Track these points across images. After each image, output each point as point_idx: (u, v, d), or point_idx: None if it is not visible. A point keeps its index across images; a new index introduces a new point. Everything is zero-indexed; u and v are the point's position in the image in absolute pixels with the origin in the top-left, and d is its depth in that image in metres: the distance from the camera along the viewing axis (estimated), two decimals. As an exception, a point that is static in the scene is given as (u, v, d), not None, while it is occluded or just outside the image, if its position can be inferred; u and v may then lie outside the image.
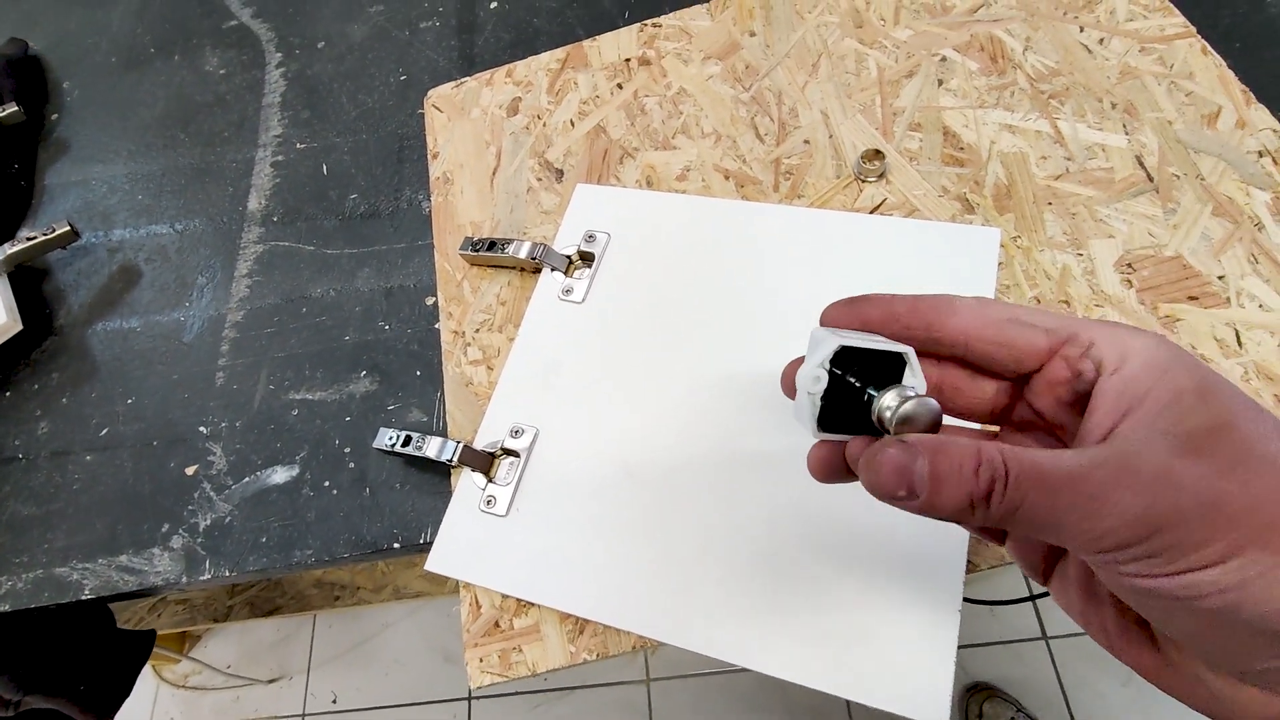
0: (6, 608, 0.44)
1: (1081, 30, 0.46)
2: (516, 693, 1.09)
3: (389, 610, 1.17)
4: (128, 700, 0.59)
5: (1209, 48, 0.44)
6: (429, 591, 0.95)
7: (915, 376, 0.22)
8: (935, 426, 0.21)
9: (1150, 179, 0.41)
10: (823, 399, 0.22)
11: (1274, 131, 0.40)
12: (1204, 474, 0.18)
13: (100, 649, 0.54)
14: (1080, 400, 0.22)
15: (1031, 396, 0.24)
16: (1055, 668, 1.01)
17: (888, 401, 0.21)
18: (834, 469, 0.24)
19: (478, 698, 1.10)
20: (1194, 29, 0.44)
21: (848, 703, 0.99)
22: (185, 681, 1.18)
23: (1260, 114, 0.41)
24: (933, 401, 0.21)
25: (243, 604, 0.97)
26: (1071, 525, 0.19)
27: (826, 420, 0.22)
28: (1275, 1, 0.46)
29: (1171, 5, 0.45)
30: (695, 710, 1.04)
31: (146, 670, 0.98)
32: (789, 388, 0.25)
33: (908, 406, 0.21)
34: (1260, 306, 0.36)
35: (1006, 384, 0.24)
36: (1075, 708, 0.98)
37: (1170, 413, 0.19)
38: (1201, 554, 0.17)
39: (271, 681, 1.17)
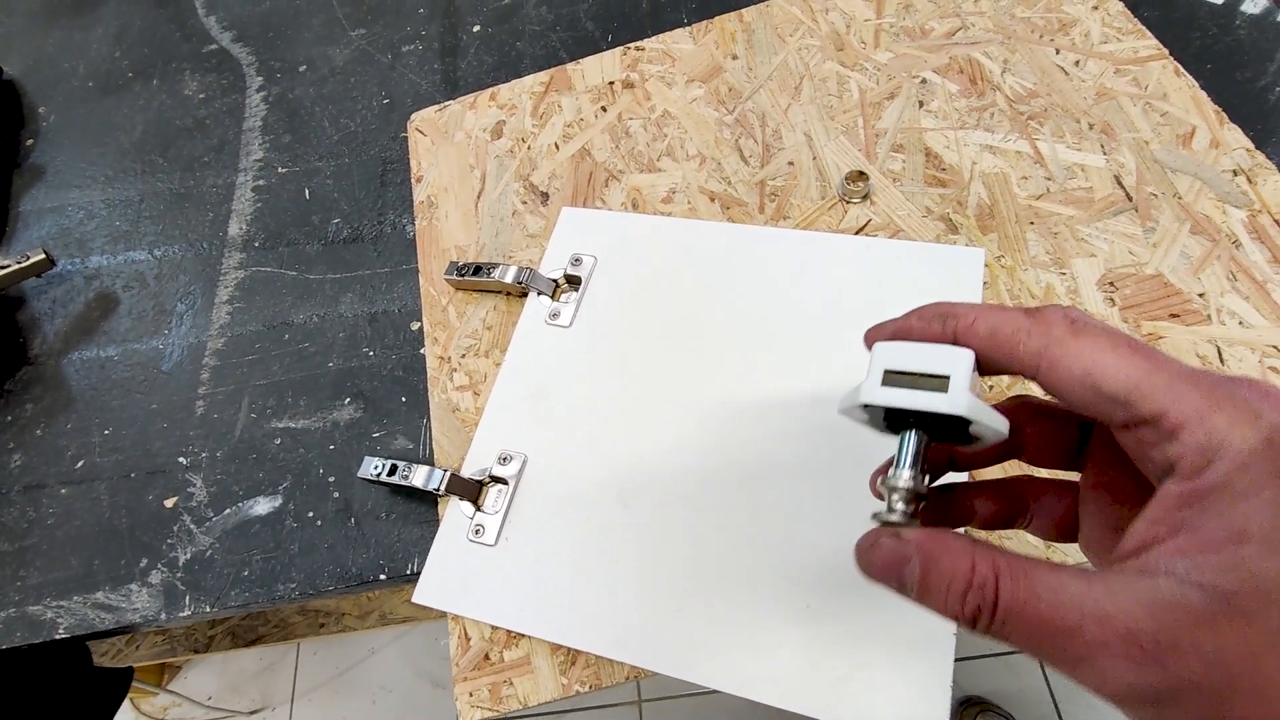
0: (-23, 649, 0.43)
1: (1057, 53, 0.47)
2: (507, 716, 1.07)
3: (375, 636, 1.15)
4: (104, 738, 0.57)
5: (1181, 69, 0.45)
6: (416, 616, 0.94)
7: (985, 429, 0.20)
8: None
9: (1129, 198, 0.41)
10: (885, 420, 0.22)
11: (1247, 151, 0.41)
12: (1239, 644, 0.15)
13: (76, 690, 0.53)
14: (1133, 496, 0.20)
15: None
16: (1047, 680, 1.01)
17: (893, 484, 0.21)
18: None
19: (466, 724, 1.08)
20: (1166, 51, 0.45)
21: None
22: (164, 715, 1.15)
23: (1233, 133, 0.42)
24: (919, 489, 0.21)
25: (224, 633, 0.95)
26: (1058, 667, 0.17)
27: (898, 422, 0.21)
28: (1243, 24, 0.47)
29: (1144, 28, 0.46)
30: (687, 732, 1.03)
31: (124, 704, 0.96)
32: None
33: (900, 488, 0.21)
34: (1240, 323, 0.37)
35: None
36: (1067, 720, 0.98)
37: (1230, 554, 0.15)
38: None
39: (254, 713, 1.14)
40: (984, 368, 0.21)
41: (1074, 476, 0.24)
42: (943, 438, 0.21)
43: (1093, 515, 0.22)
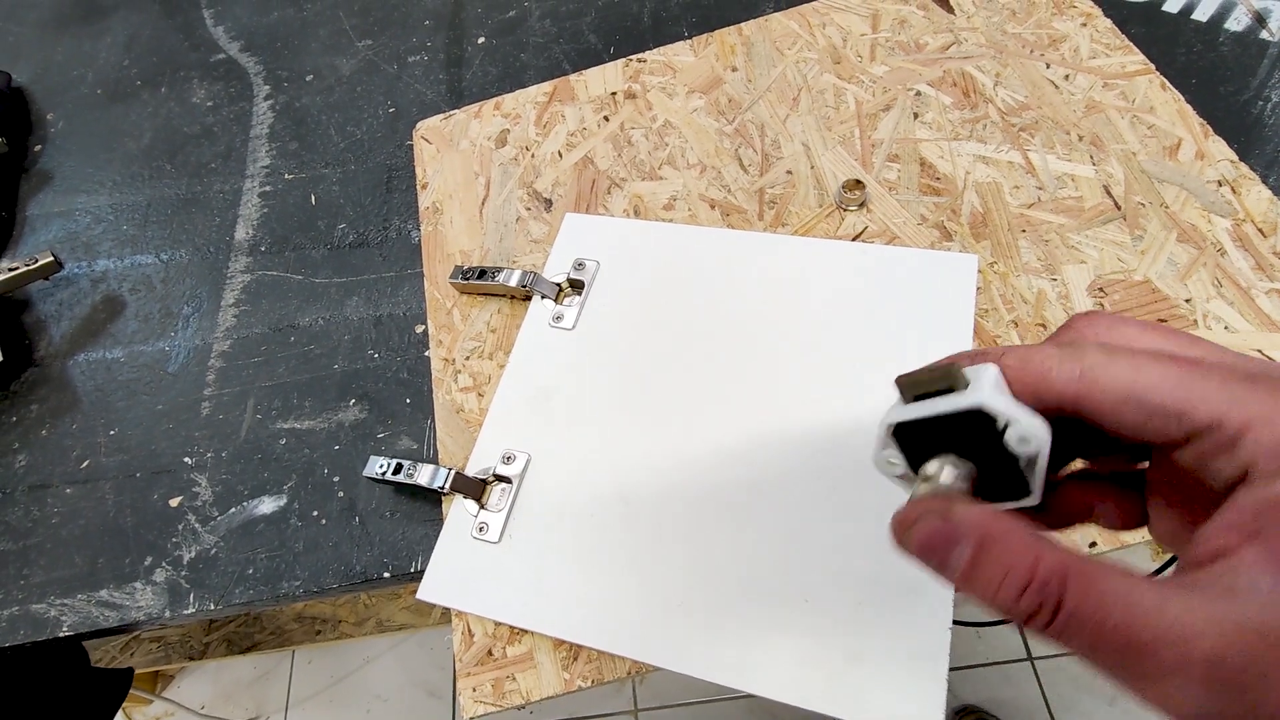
0: (-20, 647, 0.43)
1: (1048, 67, 0.48)
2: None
3: (370, 644, 1.15)
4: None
5: (1168, 83, 0.46)
6: (413, 624, 0.94)
7: (1016, 423, 0.18)
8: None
9: (1118, 207, 0.43)
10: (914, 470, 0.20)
11: (1231, 162, 0.43)
12: None
13: (75, 690, 0.53)
14: (1204, 499, 0.18)
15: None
16: (1041, 688, 1.01)
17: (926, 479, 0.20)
18: None
19: (462, 734, 1.08)
20: (1153, 66, 0.47)
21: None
22: (157, 724, 1.15)
23: (1218, 145, 0.43)
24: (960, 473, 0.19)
25: (220, 640, 0.94)
26: (1120, 680, 0.16)
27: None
28: (1226, 41, 0.48)
29: (1131, 44, 0.48)
30: (684, 741, 1.03)
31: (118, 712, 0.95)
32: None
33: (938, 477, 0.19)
34: (1226, 328, 0.38)
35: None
36: (1062, 730, 0.98)
37: None
38: None
39: (247, 722, 1.13)
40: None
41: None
42: (985, 465, 0.19)
43: (1163, 519, 0.20)
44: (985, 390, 0.18)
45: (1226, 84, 0.47)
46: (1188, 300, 0.39)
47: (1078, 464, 0.22)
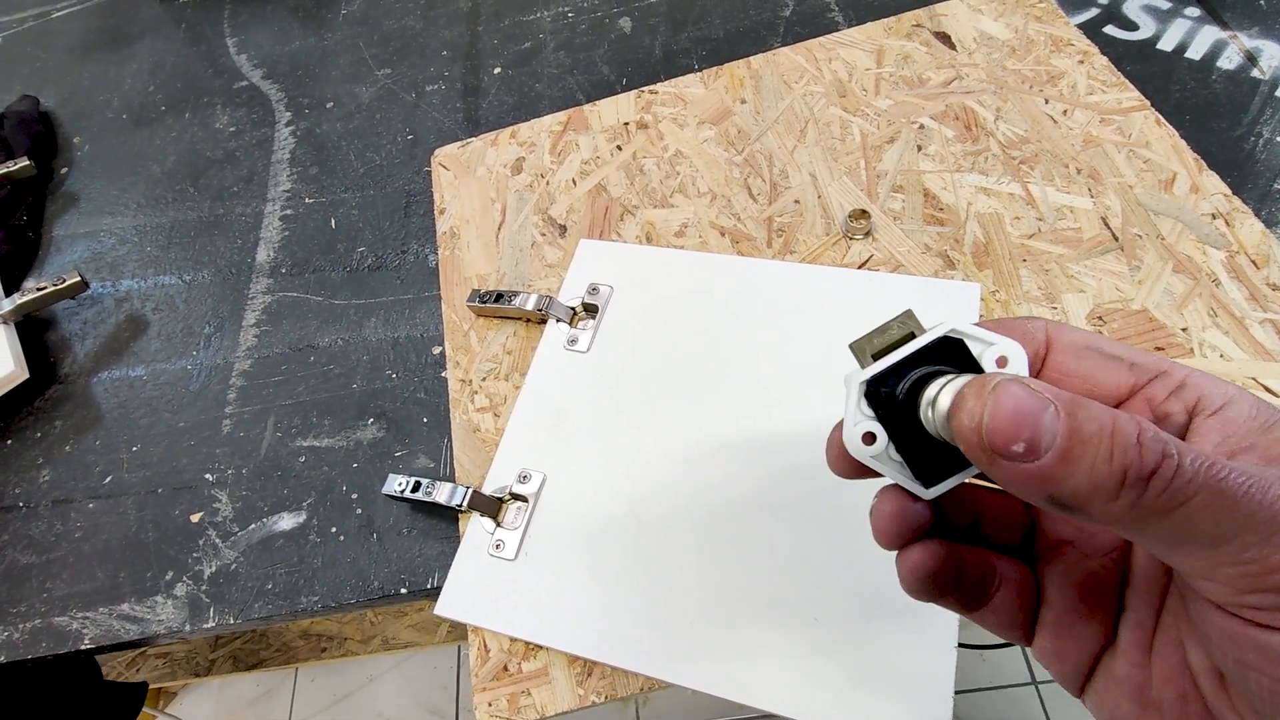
0: (2, 659, 0.44)
1: (1046, 102, 0.50)
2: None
3: (374, 663, 1.15)
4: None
5: (1162, 119, 0.48)
6: (418, 642, 0.94)
7: (991, 346, 0.17)
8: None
9: (1115, 238, 0.44)
10: (899, 451, 0.18)
11: (1225, 196, 0.44)
12: None
13: (91, 702, 0.53)
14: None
15: None
16: (1045, 712, 1.01)
17: (927, 405, 0.17)
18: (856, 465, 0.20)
19: (464, 753, 1.07)
20: (1148, 102, 0.48)
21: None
22: (158, 741, 1.14)
23: (1211, 179, 0.45)
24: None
25: (225, 657, 0.94)
26: (1231, 553, 0.14)
27: (924, 464, 0.18)
28: (1219, 79, 0.50)
29: (1127, 81, 0.50)
30: (687, 763, 1.03)
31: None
32: (840, 463, 0.20)
33: (945, 392, 0.16)
34: (1221, 356, 0.39)
35: None
36: (1066, 754, 0.98)
37: None
38: None
39: (249, 740, 1.13)
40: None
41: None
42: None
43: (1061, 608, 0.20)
44: (952, 321, 0.18)
45: (1219, 120, 0.48)
46: (1184, 329, 0.40)
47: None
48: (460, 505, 0.40)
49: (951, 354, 0.17)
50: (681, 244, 0.49)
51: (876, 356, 0.18)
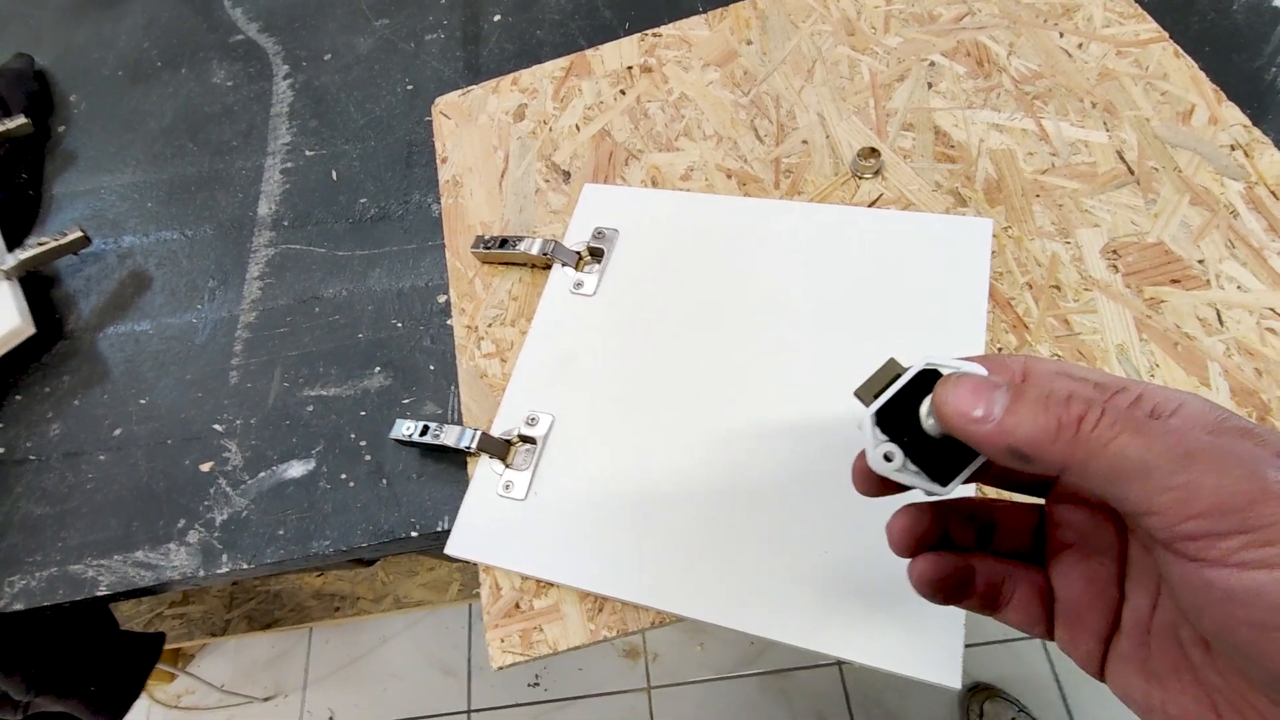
0: (20, 606, 0.44)
1: (1061, 36, 0.48)
2: (516, 704, 1.09)
3: (387, 623, 1.16)
4: None
5: (1181, 51, 0.46)
6: (430, 601, 0.95)
7: (959, 368, 0.22)
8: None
9: (1131, 172, 0.43)
10: (915, 463, 0.22)
11: (1244, 127, 0.43)
12: None
13: (108, 651, 0.54)
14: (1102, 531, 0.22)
15: None
16: (1052, 666, 1.02)
17: (926, 416, 0.22)
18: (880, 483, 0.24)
19: (478, 710, 1.09)
20: (1166, 34, 0.47)
21: (848, 705, 0.99)
22: (178, 701, 1.17)
23: (1230, 110, 0.44)
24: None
25: (241, 617, 0.96)
26: (1161, 479, 0.17)
27: (938, 470, 0.22)
28: (1240, 9, 0.49)
29: (1144, 13, 0.48)
30: (698, 717, 1.04)
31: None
32: (865, 484, 0.24)
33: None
34: (1238, 287, 0.39)
35: None
36: (1074, 708, 0.99)
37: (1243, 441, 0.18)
38: None
39: (267, 699, 1.15)
40: None
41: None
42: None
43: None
44: (928, 356, 0.22)
45: (1239, 51, 0.47)
46: (1200, 261, 0.40)
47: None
48: (469, 447, 0.40)
49: (932, 380, 0.22)
50: (687, 187, 0.48)
51: (877, 395, 0.23)
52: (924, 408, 0.22)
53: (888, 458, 0.22)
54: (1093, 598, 0.22)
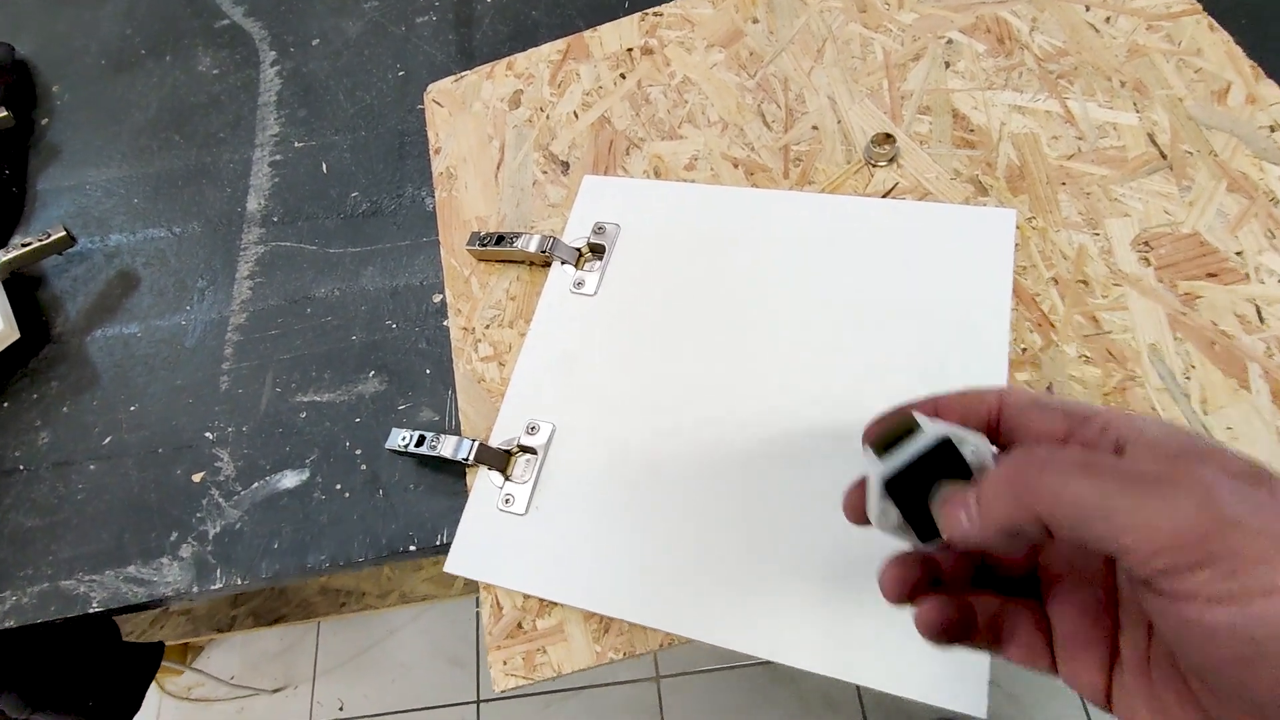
0: (11, 623, 0.43)
1: (1087, 9, 0.46)
2: (525, 694, 1.08)
3: (394, 616, 1.16)
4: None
5: (1215, 24, 0.43)
6: (435, 595, 0.94)
7: (968, 443, 0.22)
8: None
9: (1163, 156, 0.40)
10: (906, 519, 0.23)
11: (1285, 106, 0.40)
12: (1262, 498, 0.17)
13: (107, 663, 0.53)
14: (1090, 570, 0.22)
15: None
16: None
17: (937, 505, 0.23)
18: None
19: (486, 700, 1.09)
20: (1200, 5, 0.44)
21: (859, 693, 0.99)
22: (188, 694, 1.17)
23: (1269, 89, 0.41)
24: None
25: (246, 613, 0.96)
26: (1121, 519, 0.17)
27: (923, 530, 0.23)
28: (1280, -23, 0.46)
29: (1177, -18, 0.45)
30: (707, 706, 1.04)
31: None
32: (853, 513, 0.26)
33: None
34: (1279, 281, 0.36)
35: None
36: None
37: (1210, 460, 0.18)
38: (1263, 571, 0.16)
39: (276, 691, 1.15)
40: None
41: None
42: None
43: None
44: (942, 424, 0.23)
45: (1278, 22, 0.44)
46: (1238, 253, 0.37)
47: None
48: (467, 459, 0.38)
49: (944, 452, 0.22)
50: (692, 178, 0.46)
51: (883, 445, 0.24)
52: (935, 500, 0.23)
53: (887, 514, 0.23)
54: (1089, 628, 0.22)
